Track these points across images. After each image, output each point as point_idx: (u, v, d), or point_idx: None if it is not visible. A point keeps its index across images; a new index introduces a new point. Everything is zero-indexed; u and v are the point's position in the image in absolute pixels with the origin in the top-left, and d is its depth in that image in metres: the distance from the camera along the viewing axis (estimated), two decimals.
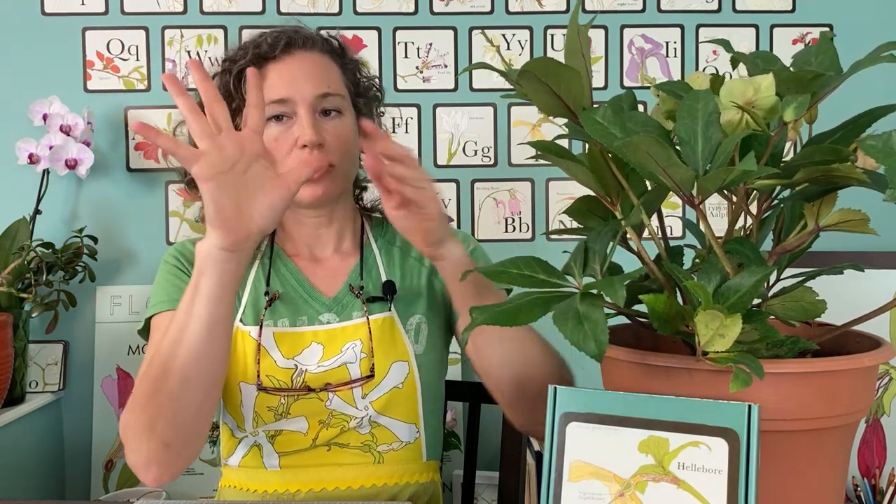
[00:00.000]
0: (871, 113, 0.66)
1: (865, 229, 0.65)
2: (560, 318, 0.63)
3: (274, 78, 1.10)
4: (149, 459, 0.94)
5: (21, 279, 1.70)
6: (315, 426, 1.10)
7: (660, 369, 0.65)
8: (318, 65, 1.13)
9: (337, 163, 1.10)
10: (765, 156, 0.64)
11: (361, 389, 1.09)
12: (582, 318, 0.62)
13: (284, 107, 1.09)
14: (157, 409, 0.92)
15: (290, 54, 1.11)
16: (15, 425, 1.66)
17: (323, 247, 1.19)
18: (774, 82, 0.61)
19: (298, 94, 1.08)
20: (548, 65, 0.64)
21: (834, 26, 1.94)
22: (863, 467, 1.69)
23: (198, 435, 0.97)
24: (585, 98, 0.68)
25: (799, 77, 0.62)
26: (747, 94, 0.62)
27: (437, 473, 1.19)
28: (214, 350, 0.92)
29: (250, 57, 1.10)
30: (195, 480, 1.84)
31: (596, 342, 0.61)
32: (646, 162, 0.61)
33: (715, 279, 0.65)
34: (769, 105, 0.62)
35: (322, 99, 1.10)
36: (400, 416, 1.12)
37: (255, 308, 1.14)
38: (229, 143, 0.86)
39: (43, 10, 1.89)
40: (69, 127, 1.78)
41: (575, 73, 0.66)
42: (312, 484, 1.10)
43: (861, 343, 0.71)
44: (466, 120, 1.94)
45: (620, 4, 1.93)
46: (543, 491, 0.65)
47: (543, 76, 0.65)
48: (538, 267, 0.70)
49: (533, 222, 1.95)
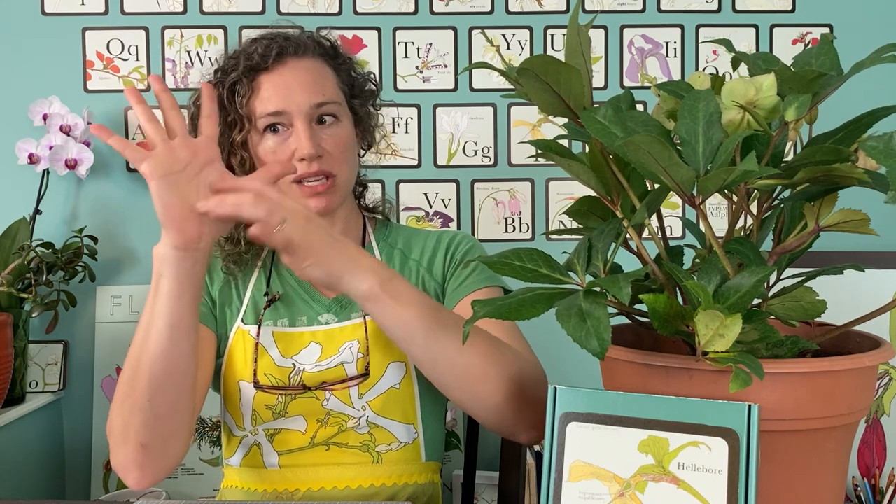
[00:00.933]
0: (873, 113, 0.65)
1: (866, 230, 0.65)
2: (563, 315, 0.63)
3: (268, 90, 1.09)
4: (127, 462, 0.95)
5: (21, 279, 1.70)
6: (313, 425, 1.10)
7: (660, 369, 0.65)
8: (312, 72, 1.12)
9: (337, 171, 1.10)
10: (766, 156, 0.64)
11: (358, 389, 1.09)
12: (585, 316, 0.62)
13: (280, 118, 1.09)
14: (130, 410, 0.93)
15: (282, 64, 1.11)
16: (15, 425, 1.66)
17: None
18: (776, 82, 0.61)
19: (294, 105, 1.08)
20: (548, 63, 0.64)
21: (834, 26, 1.94)
22: (863, 467, 1.69)
23: (176, 435, 0.96)
24: (586, 97, 0.68)
25: (801, 77, 0.62)
26: (749, 93, 0.62)
27: (436, 475, 1.19)
28: (179, 348, 0.92)
29: (242, 69, 1.10)
30: (195, 480, 1.84)
31: (598, 340, 0.60)
32: (647, 161, 0.61)
33: (715, 279, 0.65)
34: (771, 105, 0.62)
35: (318, 108, 1.10)
36: (397, 417, 1.12)
37: (256, 308, 1.14)
38: (182, 146, 0.89)
39: (43, 10, 1.89)
40: (69, 127, 1.78)
41: (575, 71, 0.65)
42: (311, 483, 1.10)
43: (861, 343, 0.72)
44: (466, 120, 1.94)
45: (620, 4, 1.93)
46: (543, 491, 0.65)
47: (543, 74, 0.65)
48: (541, 261, 0.70)
49: (533, 222, 1.95)
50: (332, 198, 1.11)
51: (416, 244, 1.22)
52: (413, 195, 1.93)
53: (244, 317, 1.14)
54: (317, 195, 1.09)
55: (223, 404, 1.15)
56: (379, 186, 1.89)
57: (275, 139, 1.09)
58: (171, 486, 1.82)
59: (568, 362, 1.26)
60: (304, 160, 1.07)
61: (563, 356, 1.15)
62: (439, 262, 1.19)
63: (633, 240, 0.72)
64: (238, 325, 1.13)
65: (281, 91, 1.09)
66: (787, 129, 0.64)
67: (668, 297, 0.64)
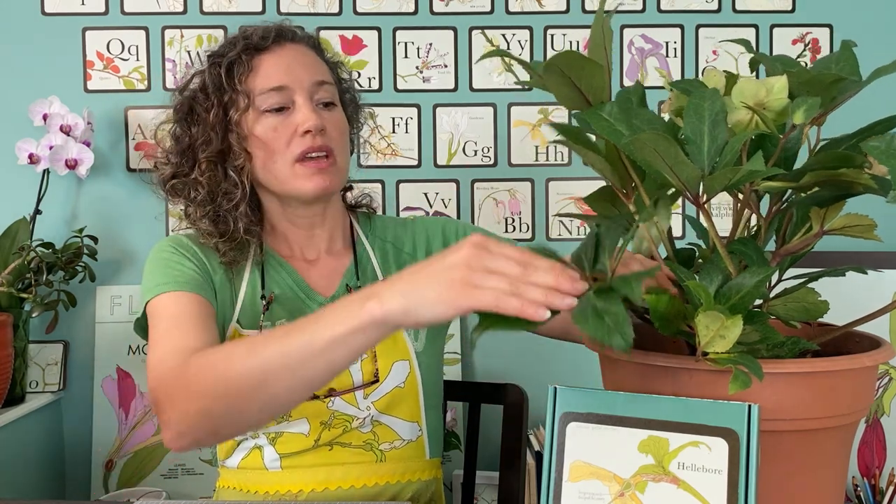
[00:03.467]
0: (891, 120, 0.64)
1: (871, 235, 0.65)
2: (579, 316, 0.62)
3: (270, 67, 1.10)
4: (181, 427, 0.88)
5: (21, 279, 1.70)
6: (317, 427, 1.09)
7: (660, 369, 0.65)
8: (310, 56, 1.14)
9: (337, 152, 1.10)
10: (773, 157, 0.64)
11: (364, 391, 1.09)
12: (601, 314, 0.61)
13: (282, 95, 1.08)
14: (225, 382, 0.84)
15: (281, 45, 1.12)
16: (15, 425, 1.66)
17: (316, 247, 1.18)
18: (787, 85, 0.61)
19: (296, 81, 1.09)
20: (572, 58, 0.64)
21: (834, 26, 1.94)
22: (863, 467, 1.69)
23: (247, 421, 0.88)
24: (605, 92, 0.67)
25: (819, 80, 0.61)
26: (759, 94, 0.62)
27: (439, 471, 1.19)
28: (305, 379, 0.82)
29: (241, 48, 1.10)
30: (195, 480, 1.84)
31: (622, 335, 0.59)
32: (652, 159, 0.61)
33: (717, 279, 0.65)
34: (780, 107, 0.62)
35: (319, 87, 1.10)
36: (402, 415, 1.11)
37: (253, 311, 1.13)
38: None
39: (43, 10, 1.89)
40: (69, 127, 1.78)
41: (598, 66, 0.65)
42: (314, 484, 1.09)
43: (861, 343, 0.72)
44: (466, 120, 1.94)
45: (620, 4, 1.93)
46: (543, 491, 0.65)
47: (567, 69, 0.65)
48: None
49: (533, 222, 1.95)
50: (334, 178, 1.10)
51: (404, 236, 1.22)
52: (413, 195, 1.93)
53: (240, 319, 1.12)
54: (320, 172, 1.08)
55: None
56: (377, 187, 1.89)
57: (276, 117, 1.09)
58: (171, 486, 1.82)
59: (568, 362, 1.26)
60: (310, 132, 1.06)
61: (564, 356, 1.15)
62: None
63: (646, 240, 0.71)
64: (234, 326, 1.11)
65: (283, 67, 1.10)
66: (798, 131, 0.63)
67: (670, 296, 0.64)
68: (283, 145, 1.07)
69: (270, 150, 1.09)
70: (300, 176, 1.08)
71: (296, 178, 1.08)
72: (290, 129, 1.08)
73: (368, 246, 1.20)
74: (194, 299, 1.04)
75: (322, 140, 1.08)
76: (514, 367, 1.87)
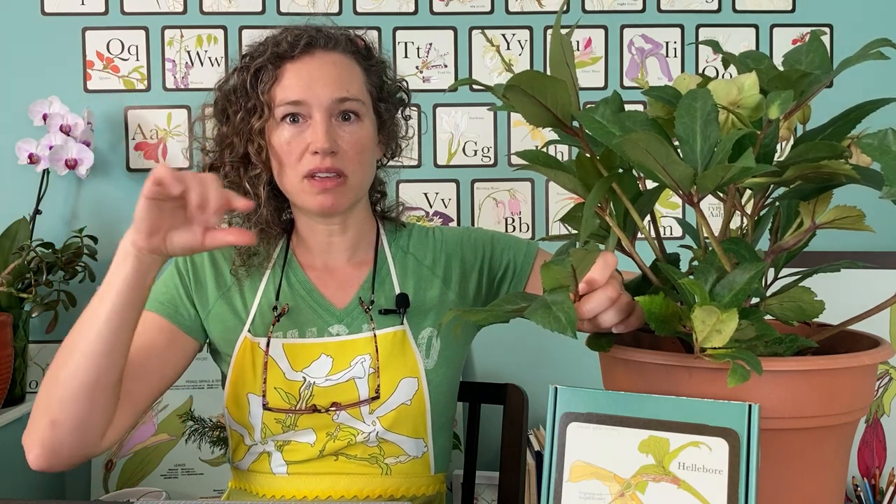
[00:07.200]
0: (862, 108, 0.65)
1: (861, 226, 0.65)
2: (531, 310, 0.65)
3: (291, 79, 1.07)
4: (34, 439, 0.98)
5: (21, 279, 1.70)
6: (322, 438, 1.09)
7: (659, 368, 0.65)
8: (339, 66, 1.09)
9: (350, 172, 1.07)
10: (753, 153, 0.64)
11: (369, 406, 1.09)
12: (550, 305, 0.64)
13: (299, 108, 1.06)
14: (53, 383, 0.95)
15: (309, 55, 1.08)
16: (15, 425, 1.66)
17: (336, 255, 1.16)
18: (757, 81, 0.62)
19: (314, 97, 1.06)
20: (533, 77, 0.65)
21: (834, 26, 1.94)
22: (863, 467, 1.69)
23: (89, 421, 0.95)
24: (572, 106, 0.68)
25: (786, 76, 0.62)
26: (731, 94, 0.62)
27: (443, 485, 1.19)
28: (121, 337, 0.95)
29: (269, 55, 1.08)
30: (195, 480, 1.84)
31: (566, 317, 0.62)
32: (645, 159, 0.62)
33: (711, 277, 0.65)
34: (753, 104, 0.62)
35: (339, 103, 1.07)
36: (407, 433, 1.10)
37: (265, 319, 1.11)
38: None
39: (43, 10, 1.89)
40: (69, 127, 1.78)
41: (561, 83, 0.66)
42: (320, 492, 1.09)
43: (860, 342, 0.72)
44: (466, 120, 1.94)
45: (620, 4, 1.93)
46: (543, 491, 0.65)
47: (530, 89, 0.65)
48: (522, 301, 0.71)
49: (533, 222, 1.95)
50: (341, 198, 1.08)
51: (426, 248, 1.20)
52: (413, 195, 1.93)
53: (252, 328, 1.11)
54: (325, 191, 1.06)
55: (230, 412, 1.11)
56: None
57: (291, 130, 1.07)
58: (171, 486, 1.82)
59: (568, 362, 1.26)
60: (318, 154, 1.05)
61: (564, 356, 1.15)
62: (474, 278, 1.18)
63: (626, 245, 0.72)
64: (245, 335, 1.10)
65: (304, 81, 1.07)
66: (774, 126, 0.63)
67: (664, 297, 0.64)
68: (295, 160, 1.06)
69: (283, 162, 1.08)
70: (307, 192, 1.07)
71: (304, 193, 1.07)
72: (302, 145, 1.06)
73: (390, 257, 1.18)
74: (154, 321, 1.09)
75: (331, 162, 1.05)
76: (514, 367, 1.87)
